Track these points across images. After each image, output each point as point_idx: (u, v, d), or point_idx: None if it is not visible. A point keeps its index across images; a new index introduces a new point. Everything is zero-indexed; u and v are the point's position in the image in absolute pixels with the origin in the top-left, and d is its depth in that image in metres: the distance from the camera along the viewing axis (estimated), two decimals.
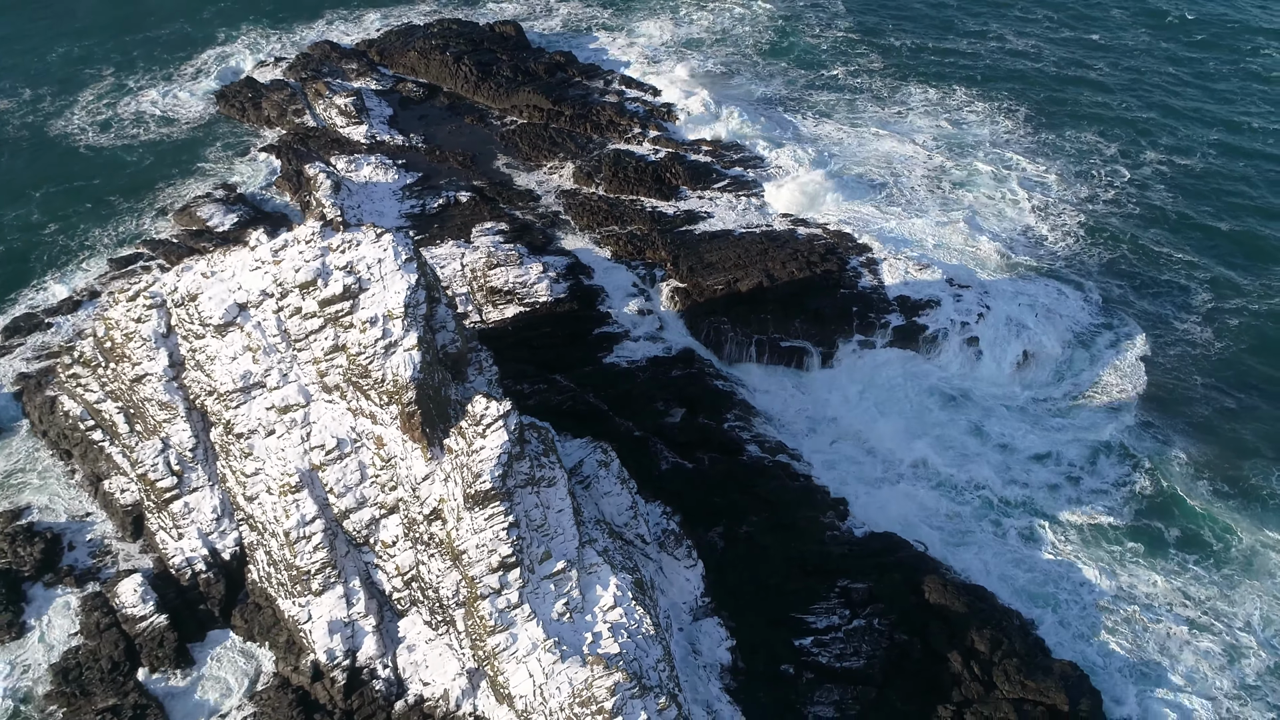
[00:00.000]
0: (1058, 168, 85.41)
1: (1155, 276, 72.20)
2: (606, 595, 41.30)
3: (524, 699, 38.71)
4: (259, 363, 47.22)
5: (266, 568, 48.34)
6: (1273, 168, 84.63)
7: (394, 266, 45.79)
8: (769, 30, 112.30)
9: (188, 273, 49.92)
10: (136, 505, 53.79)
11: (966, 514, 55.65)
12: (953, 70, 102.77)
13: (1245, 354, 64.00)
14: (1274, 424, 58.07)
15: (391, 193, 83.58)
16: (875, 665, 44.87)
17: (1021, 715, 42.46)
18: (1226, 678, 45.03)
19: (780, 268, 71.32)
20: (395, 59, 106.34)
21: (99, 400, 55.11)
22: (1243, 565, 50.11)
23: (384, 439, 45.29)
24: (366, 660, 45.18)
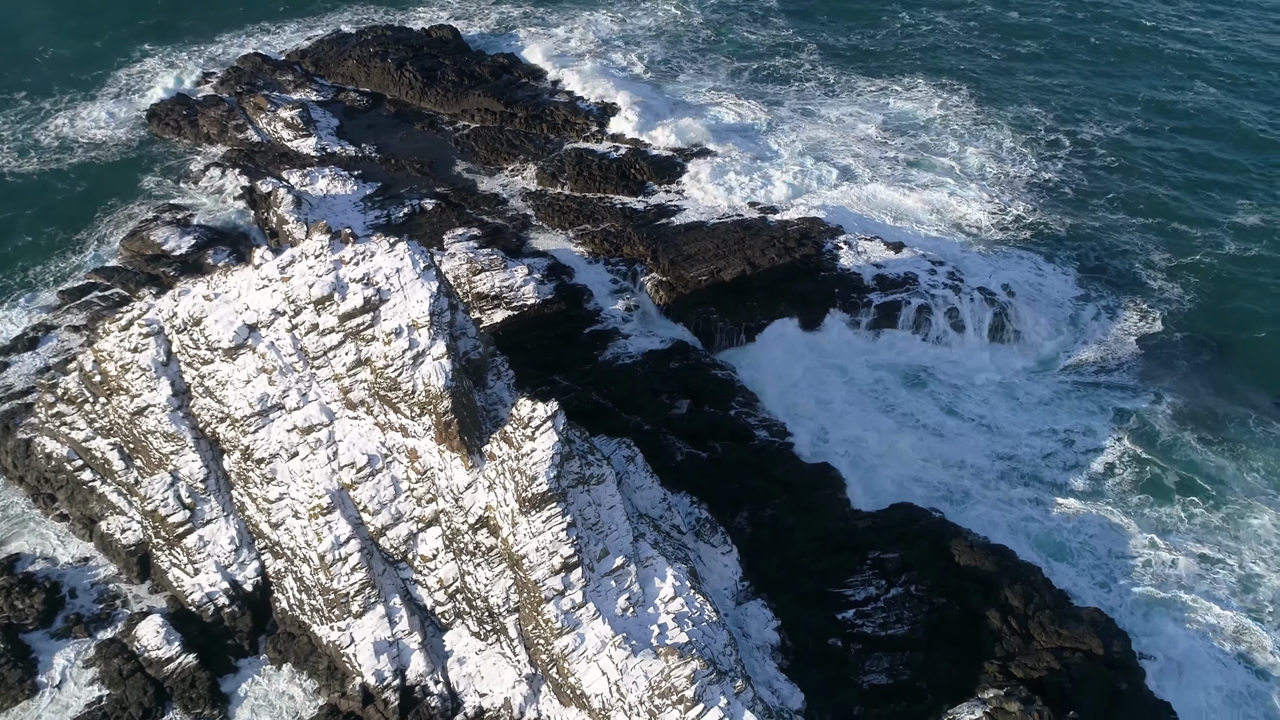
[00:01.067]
0: (1005, 144, 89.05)
1: (1115, 241, 76.11)
2: (666, 586, 41.49)
3: (600, 697, 38.61)
4: (276, 384, 45.73)
5: (298, 595, 46.86)
6: (1193, 132, 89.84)
7: (413, 275, 44.93)
8: (705, 28, 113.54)
9: (186, 297, 47.96)
10: (141, 544, 51.35)
11: (966, 483, 57.54)
12: (889, 57, 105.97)
13: (1210, 305, 68.35)
14: (1246, 368, 62.21)
15: (352, 204, 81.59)
16: (919, 630, 46.27)
17: (1062, 663, 44.43)
18: (1244, 603, 48.15)
19: (760, 255, 72.47)
20: (332, 68, 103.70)
21: (87, 438, 52.47)
22: (1240, 505, 53.55)
23: (418, 451, 44.42)
24: (417, 678, 44.27)
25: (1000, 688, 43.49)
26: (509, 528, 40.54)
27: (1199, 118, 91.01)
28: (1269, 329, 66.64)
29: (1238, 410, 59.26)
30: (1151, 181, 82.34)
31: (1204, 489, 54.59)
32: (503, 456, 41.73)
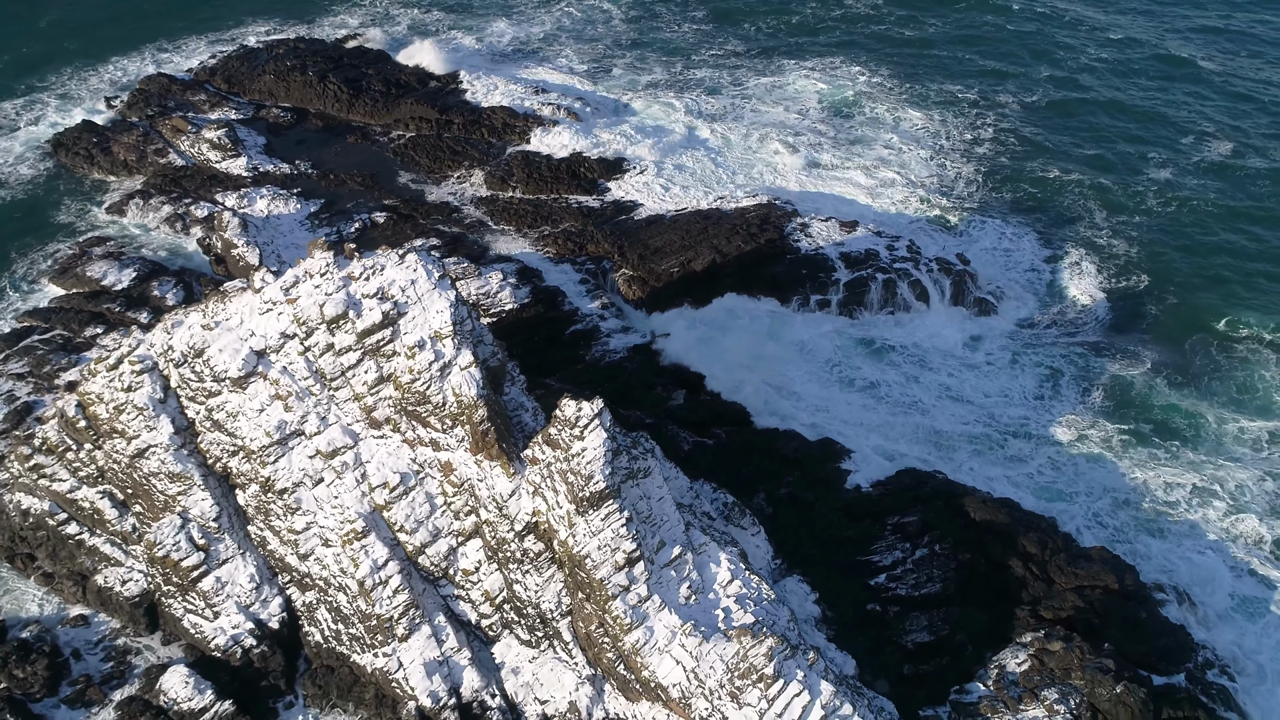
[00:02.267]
0: (936, 117, 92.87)
1: (1058, 201, 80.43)
2: (722, 571, 41.96)
3: (678, 686, 38.79)
4: (293, 410, 44.01)
5: (334, 626, 45.23)
6: (1095, 101, 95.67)
7: (429, 286, 43.97)
8: (625, 25, 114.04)
9: (180, 328, 45.60)
10: (147, 594, 48.55)
11: (955, 447, 59.80)
12: (808, 41, 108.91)
13: (1158, 252, 73.26)
14: (1202, 308, 66.98)
15: (299, 223, 78.78)
16: (950, 585, 48.18)
17: (1085, 600, 47.10)
18: (1237, 527, 52.06)
19: (727, 243, 73.61)
20: (247, 85, 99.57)
21: (72, 489, 49.31)
22: (1217, 439, 57.76)
23: (452, 464, 43.52)
24: (472, 694, 43.41)
25: (1036, 630, 45.81)
26: (566, 530, 40.24)
27: (1097, 90, 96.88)
28: (1210, 269, 71.95)
29: (1199, 347, 63.90)
30: (1072, 146, 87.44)
31: (1181, 429, 58.66)
32: (548, 459, 41.36)
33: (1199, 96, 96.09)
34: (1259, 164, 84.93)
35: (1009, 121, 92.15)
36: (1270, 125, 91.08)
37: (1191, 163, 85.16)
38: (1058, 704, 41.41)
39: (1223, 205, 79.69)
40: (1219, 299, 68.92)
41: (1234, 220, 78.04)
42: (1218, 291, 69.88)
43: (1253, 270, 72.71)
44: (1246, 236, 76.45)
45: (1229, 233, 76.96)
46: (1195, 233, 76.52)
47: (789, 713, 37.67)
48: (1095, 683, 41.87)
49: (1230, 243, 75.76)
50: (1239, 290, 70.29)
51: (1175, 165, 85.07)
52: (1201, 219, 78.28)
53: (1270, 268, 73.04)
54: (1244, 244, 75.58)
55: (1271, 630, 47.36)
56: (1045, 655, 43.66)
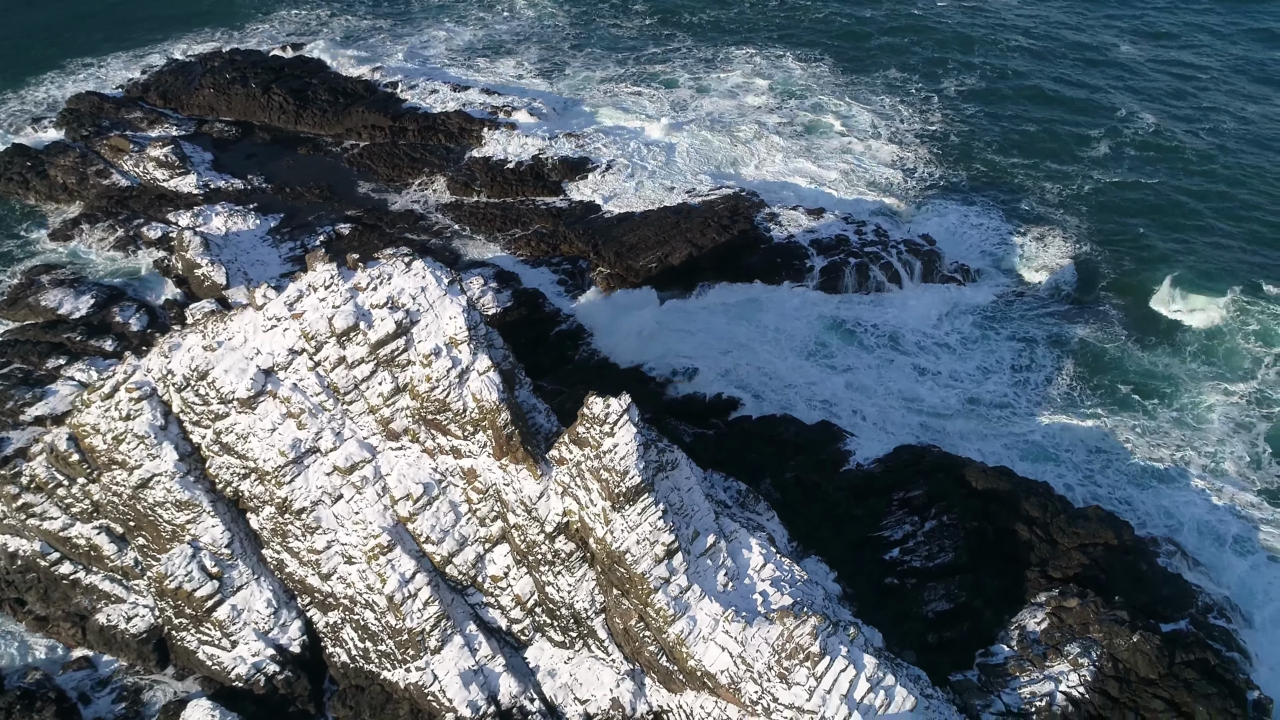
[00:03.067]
0: (885, 103, 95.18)
1: (1009, 181, 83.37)
2: (754, 556, 42.47)
3: (726, 672, 39.14)
4: (306, 427, 42.94)
5: (361, 644, 44.30)
6: (1029, 84, 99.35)
7: (440, 292, 43.40)
8: (571, 24, 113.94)
9: (178, 351, 44.04)
10: (155, 628, 46.78)
11: (943, 422, 61.58)
12: (750, 31, 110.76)
13: (1108, 221, 76.60)
14: (1158, 271, 70.30)
15: (259, 239, 76.64)
16: (962, 554, 49.66)
17: (1089, 557, 49.12)
18: (1219, 475, 54.99)
19: (701, 236, 74.28)
20: (184, 100, 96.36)
21: (65, 527, 47.23)
22: (1191, 394, 60.78)
23: (476, 470, 43.05)
24: (511, 700, 43.02)
25: (1049, 589, 47.59)
26: (603, 527, 40.21)
27: (1027, 75, 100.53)
28: (1158, 233, 75.58)
29: (1160, 307, 67.14)
30: (1014, 128, 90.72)
31: (1156, 387, 61.59)
32: (576, 459, 41.26)
33: (1119, 77, 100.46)
34: (1183, 136, 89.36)
35: (952, 107, 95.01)
36: (1185, 101, 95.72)
37: (1124, 139, 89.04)
38: (1081, 657, 43.15)
39: (1158, 176, 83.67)
40: (1171, 261, 72.43)
41: (1171, 189, 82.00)
42: (1169, 253, 73.46)
43: (1195, 231, 76.55)
44: (1184, 201, 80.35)
45: (1168, 200, 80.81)
46: (1139, 202, 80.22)
47: (837, 687, 38.41)
48: (1113, 634, 43.77)
49: (1172, 208, 79.58)
50: (1186, 251, 74.01)
51: (1110, 142, 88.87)
52: (1142, 189, 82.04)
53: (1213, 225, 77.15)
54: (1184, 209, 79.46)
55: (1262, 568, 50.20)
56: (1062, 612, 45.41)
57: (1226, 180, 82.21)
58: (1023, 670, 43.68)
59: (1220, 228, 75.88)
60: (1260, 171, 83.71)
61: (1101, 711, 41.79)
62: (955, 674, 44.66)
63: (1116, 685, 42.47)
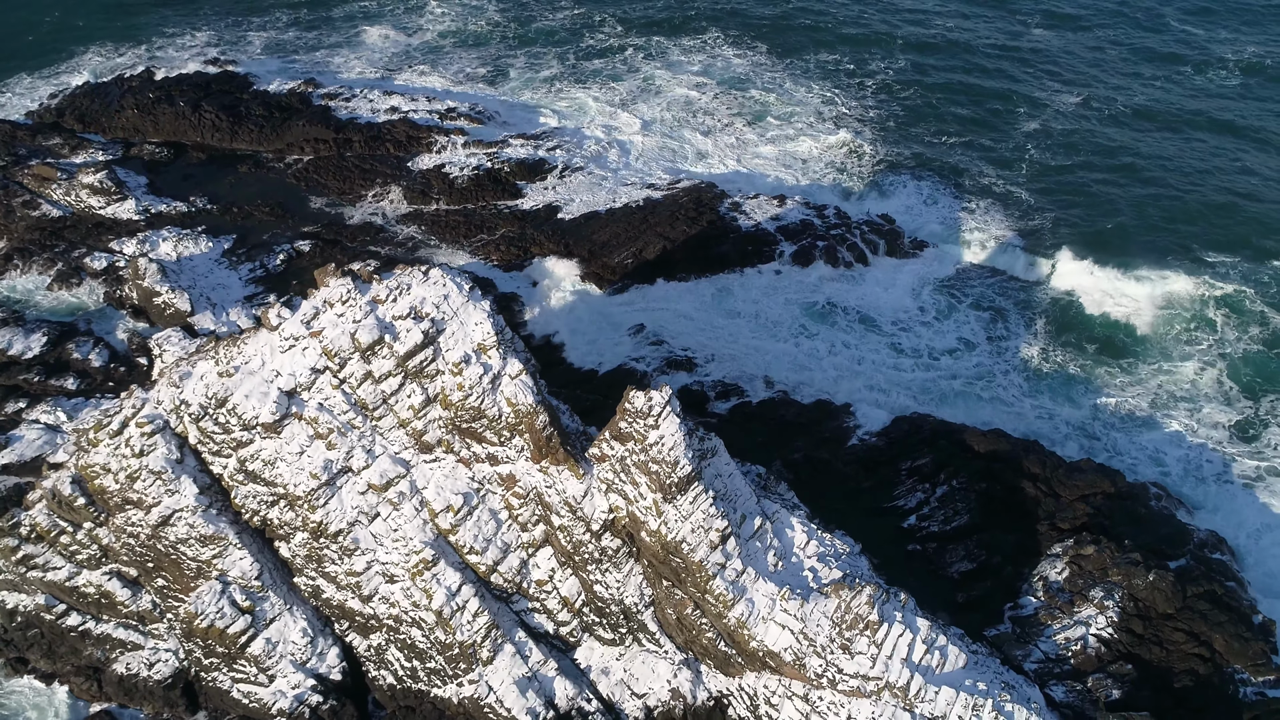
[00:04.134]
0: (823, 90, 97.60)
1: (950, 158, 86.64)
2: (798, 534, 43.31)
3: (789, 649, 39.84)
4: (336, 447, 41.76)
5: (408, 663, 43.34)
6: (954, 60, 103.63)
7: (462, 299, 42.79)
8: (504, 19, 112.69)
9: (190, 380, 42.22)
10: (180, 673, 44.69)
11: (932, 393, 63.64)
12: (681, 20, 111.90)
13: (1049, 191, 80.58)
14: (1105, 231, 74.50)
15: (214, 262, 73.67)
16: (976, 515, 51.67)
17: (1091, 507, 51.81)
18: (1195, 416, 58.86)
19: (671, 228, 74.91)
20: (105, 123, 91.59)
21: (70, 576, 44.69)
22: (1159, 341, 64.85)
23: (515, 476, 42.63)
24: (568, 703, 42.81)
25: (1062, 540, 50.01)
26: (655, 520, 40.39)
27: (951, 54, 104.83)
28: (1098, 198, 80.00)
29: (1120, 269, 71.08)
30: (947, 108, 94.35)
31: (1125, 340, 65.38)
32: (619, 454, 41.32)
33: (1039, 54, 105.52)
34: (1105, 109, 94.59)
35: (885, 90, 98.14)
36: (1103, 74, 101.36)
37: (1052, 113, 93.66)
38: (1105, 600, 45.58)
39: (1089, 146, 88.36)
40: (1115, 222, 76.83)
41: (1103, 157, 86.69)
42: (1110, 216, 77.82)
43: (1131, 194, 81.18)
44: (1116, 169, 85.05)
45: (1101, 168, 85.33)
46: (1075, 172, 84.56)
47: (897, 652, 39.63)
48: (1130, 575, 46.36)
49: (1105, 175, 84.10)
50: (1127, 212, 78.52)
51: (1039, 118, 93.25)
52: (1076, 160, 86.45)
53: (1145, 190, 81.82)
54: (1116, 175, 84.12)
55: (1243, 499, 53.89)
56: (1081, 560, 47.83)
57: (1146, 154, 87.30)
58: (1053, 618, 45.86)
59: (1150, 193, 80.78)
60: (1179, 143, 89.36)
61: (1130, 649, 44.26)
62: (989, 629, 46.55)
63: (1140, 623, 45.04)
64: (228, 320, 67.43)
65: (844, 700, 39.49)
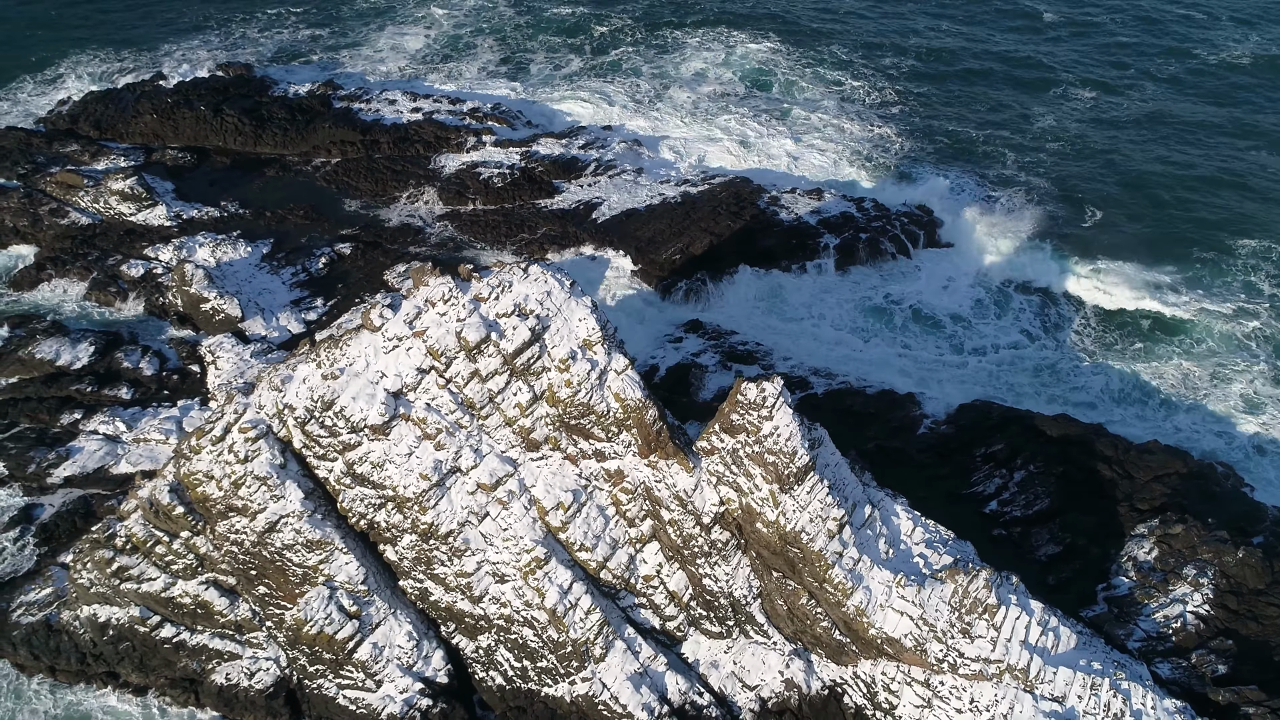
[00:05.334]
0: (842, 82, 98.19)
1: (973, 151, 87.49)
2: (904, 521, 43.59)
3: (910, 635, 40.05)
4: (445, 447, 41.37)
5: (518, 663, 43.02)
6: (967, 55, 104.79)
7: (565, 295, 42.57)
8: (513, 13, 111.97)
9: (292, 383, 41.59)
10: (282, 681, 43.98)
11: (990, 382, 64.31)
12: (689, 13, 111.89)
13: (1072, 183, 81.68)
14: (1143, 222, 75.94)
15: (255, 267, 72.58)
16: (1056, 498, 52.31)
17: (1167, 486, 52.65)
18: (1252, 396, 60.26)
19: (715, 223, 74.96)
20: (122, 129, 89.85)
21: (166, 586, 43.82)
22: (1205, 325, 66.12)
23: (623, 471, 42.47)
24: (680, 698, 42.70)
25: (1147, 520, 50.74)
26: (773, 511, 40.43)
27: (963, 48, 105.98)
28: (1122, 190, 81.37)
29: (1163, 250, 72.53)
30: (964, 102, 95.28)
31: (1176, 324, 66.56)
32: (729, 446, 41.34)
33: (1049, 50, 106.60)
34: (1115, 102, 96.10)
35: (902, 83, 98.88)
36: (1114, 69, 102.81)
37: (1067, 109, 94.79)
38: (1199, 578, 46.35)
39: (1103, 139, 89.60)
40: (1146, 213, 78.27)
41: (1118, 150, 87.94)
42: (1139, 207, 79.25)
43: (1155, 185, 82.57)
44: (1135, 161, 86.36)
45: (1119, 161, 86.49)
46: (1100, 162, 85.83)
47: (1015, 634, 40.02)
48: (1220, 553, 47.17)
49: (1126, 169, 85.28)
50: (1154, 202, 79.94)
51: (1055, 112, 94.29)
52: (1093, 153, 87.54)
53: (1170, 182, 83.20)
54: (1136, 168, 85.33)
55: None
56: (1169, 539, 48.56)
57: (1175, 143, 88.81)
58: (1149, 597, 46.53)
59: (1176, 184, 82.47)
60: (1197, 126, 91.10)
61: (1228, 624, 45.03)
62: (1084, 610, 47.12)
63: (1234, 599, 45.84)
64: (278, 325, 66.55)
65: (965, 684, 39.81)
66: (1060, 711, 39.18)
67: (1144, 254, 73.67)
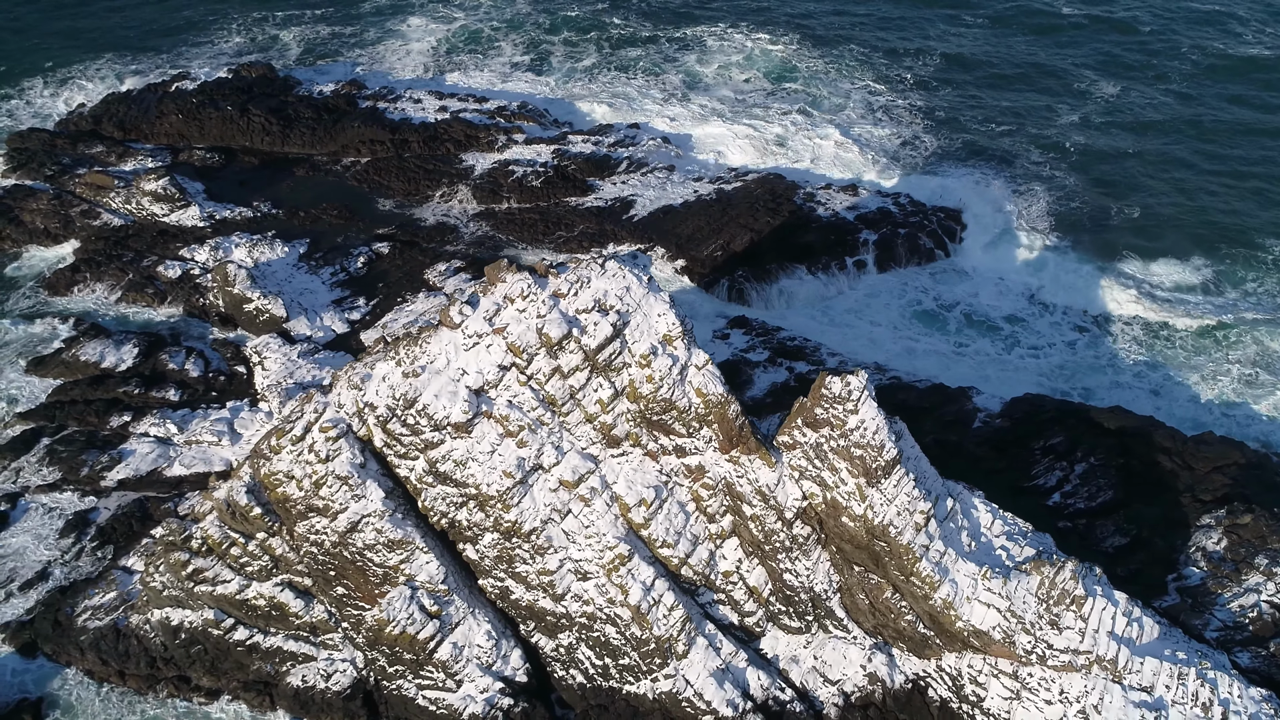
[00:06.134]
0: (865, 79, 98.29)
1: (998, 147, 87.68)
2: (983, 514, 43.54)
3: (997, 627, 40.01)
4: (527, 444, 41.06)
5: (599, 661, 42.77)
6: (987, 53, 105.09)
7: (644, 291, 42.33)
8: (533, 16, 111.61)
9: (372, 382, 41.22)
10: (359, 683, 43.60)
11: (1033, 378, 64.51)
12: (700, 7, 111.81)
13: (1100, 180, 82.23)
14: (1165, 222, 76.60)
15: (294, 267, 72.09)
16: (1119, 491, 52.43)
17: (1228, 477, 52.82)
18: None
19: (754, 220, 74.88)
20: (146, 129, 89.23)
21: (241, 589, 43.37)
22: (1246, 328, 66.77)
23: (704, 467, 42.27)
24: (762, 693, 42.55)
25: (1209, 511, 50.90)
26: (859, 505, 40.33)
27: (983, 46, 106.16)
28: (1145, 190, 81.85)
29: (1196, 249, 73.26)
30: (988, 100, 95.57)
31: (1219, 324, 66.98)
32: (812, 440, 41.23)
33: (1070, 46, 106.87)
34: (1139, 99, 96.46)
35: (924, 82, 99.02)
36: (1133, 66, 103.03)
37: (1091, 107, 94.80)
38: (1272, 567, 46.54)
39: (1128, 137, 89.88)
40: (1176, 211, 78.66)
41: (1144, 147, 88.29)
42: (1169, 204, 79.62)
43: (1183, 182, 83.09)
44: (1162, 158, 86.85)
45: (1145, 158, 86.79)
46: (1122, 164, 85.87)
47: (1102, 625, 40.05)
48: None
49: (1153, 167, 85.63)
50: (1184, 200, 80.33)
51: (1079, 110, 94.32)
52: (1118, 151, 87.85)
53: (1196, 178, 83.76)
54: (1164, 165, 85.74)
55: None
56: (1238, 529, 48.76)
57: (1196, 140, 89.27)
58: (1222, 587, 46.69)
59: (1204, 180, 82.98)
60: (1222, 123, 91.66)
61: None
62: (1156, 601, 47.21)
63: None
64: (322, 325, 66.08)
65: (1054, 675, 39.82)
66: (1149, 701, 39.23)
67: (1178, 252, 74.14)
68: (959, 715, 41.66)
